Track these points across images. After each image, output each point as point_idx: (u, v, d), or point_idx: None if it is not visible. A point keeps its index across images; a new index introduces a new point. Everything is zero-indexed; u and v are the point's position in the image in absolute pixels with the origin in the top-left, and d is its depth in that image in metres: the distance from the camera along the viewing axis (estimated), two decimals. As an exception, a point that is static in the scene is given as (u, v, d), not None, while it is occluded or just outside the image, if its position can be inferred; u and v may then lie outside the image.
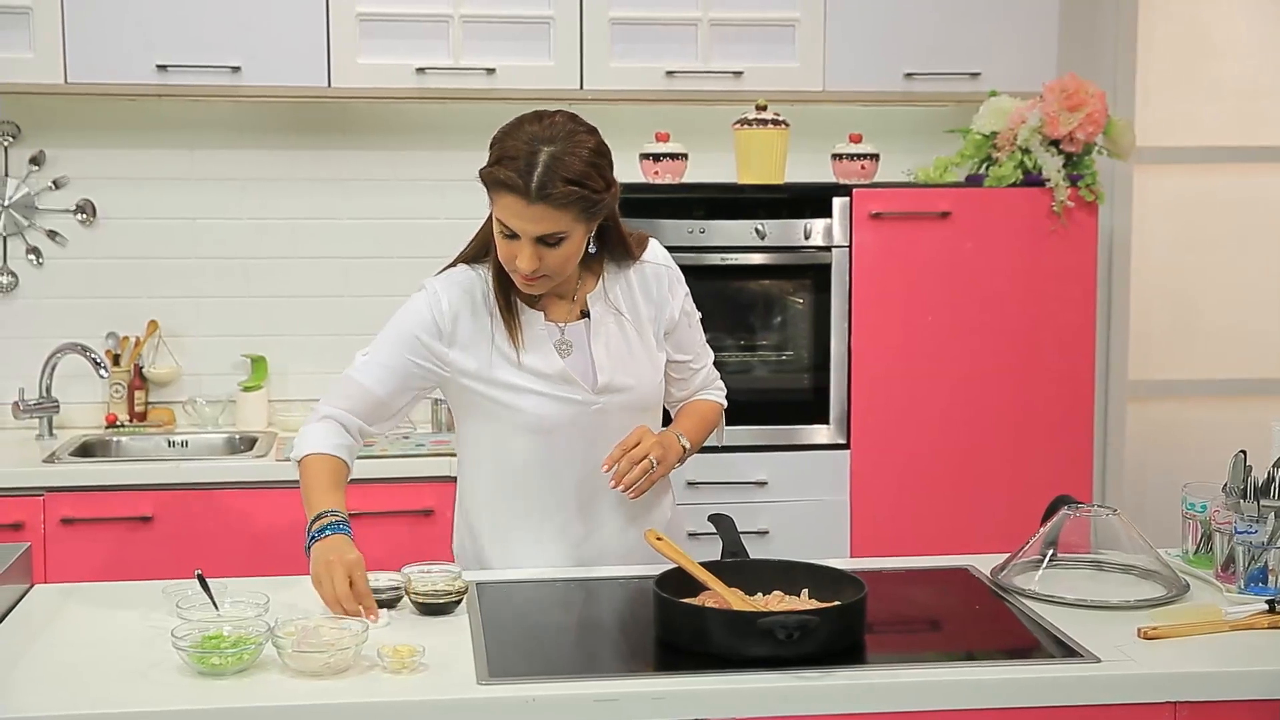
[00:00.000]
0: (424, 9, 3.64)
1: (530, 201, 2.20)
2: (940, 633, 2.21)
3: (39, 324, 3.88)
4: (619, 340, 2.44)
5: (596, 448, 2.39)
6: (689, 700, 1.87)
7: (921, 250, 3.62)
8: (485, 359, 2.38)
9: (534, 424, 2.39)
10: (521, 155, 2.21)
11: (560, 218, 2.23)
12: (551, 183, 2.20)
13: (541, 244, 2.25)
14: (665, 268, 2.50)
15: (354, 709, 1.83)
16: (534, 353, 2.38)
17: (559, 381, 2.38)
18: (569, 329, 2.42)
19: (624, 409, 2.42)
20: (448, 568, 2.27)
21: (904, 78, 3.79)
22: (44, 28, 3.48)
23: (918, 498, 3.67)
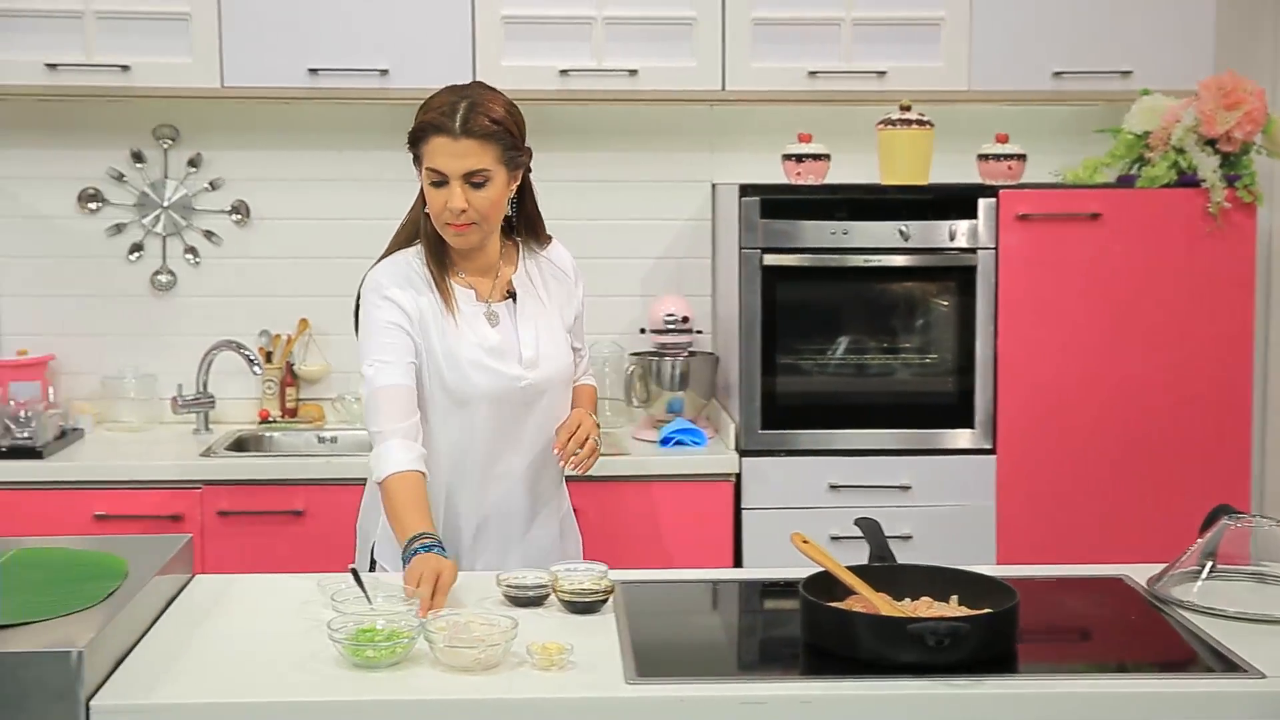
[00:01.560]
0: (567, 11, 3.67)
1: (456, 137, 2.45)
2: (1094, 643, 2.17)
3: (195, 322, 3.99)
4: (539, 319, 2.63)
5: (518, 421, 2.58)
6: (837, 705, 1.86)
7: (1070, 252, 3.55)
8: (428, 333, 2.53)
9: (469, 395, 2.54)
10: (446, 104, 2.49)
11: (484, 153, 2.46)
12: (474, 118, 2.46)
13: (469, 185, 2.46)
14: (571, 260, 2.76)
15: (504, 705, 1.86)
16: (468, 325, 2.56)
17: (492, 355, 2.56)
18: (495, 306, 2.60)
19: (546, 385, 2.61)
20: (593, 566, 2.29)
21: (1052, 76, 3.72)
22: (202, 33, 3.59)
23: (1066, 505, 3.60)
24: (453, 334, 2.53)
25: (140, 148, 3.95)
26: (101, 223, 3.97)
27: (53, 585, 2.06)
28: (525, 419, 2.60)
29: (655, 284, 4.07)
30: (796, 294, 3.62)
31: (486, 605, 2.19)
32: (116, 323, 4.00)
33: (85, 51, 3.57)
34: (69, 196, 3.96)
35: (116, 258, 3.98)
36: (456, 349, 2.53)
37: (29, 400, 3.62)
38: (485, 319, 2.58)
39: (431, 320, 2.54)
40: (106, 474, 3.49)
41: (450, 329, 2.53)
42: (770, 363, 3.60)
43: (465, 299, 2.58)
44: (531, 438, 2.62)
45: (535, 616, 2.17)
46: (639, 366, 3.82)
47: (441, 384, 2.54)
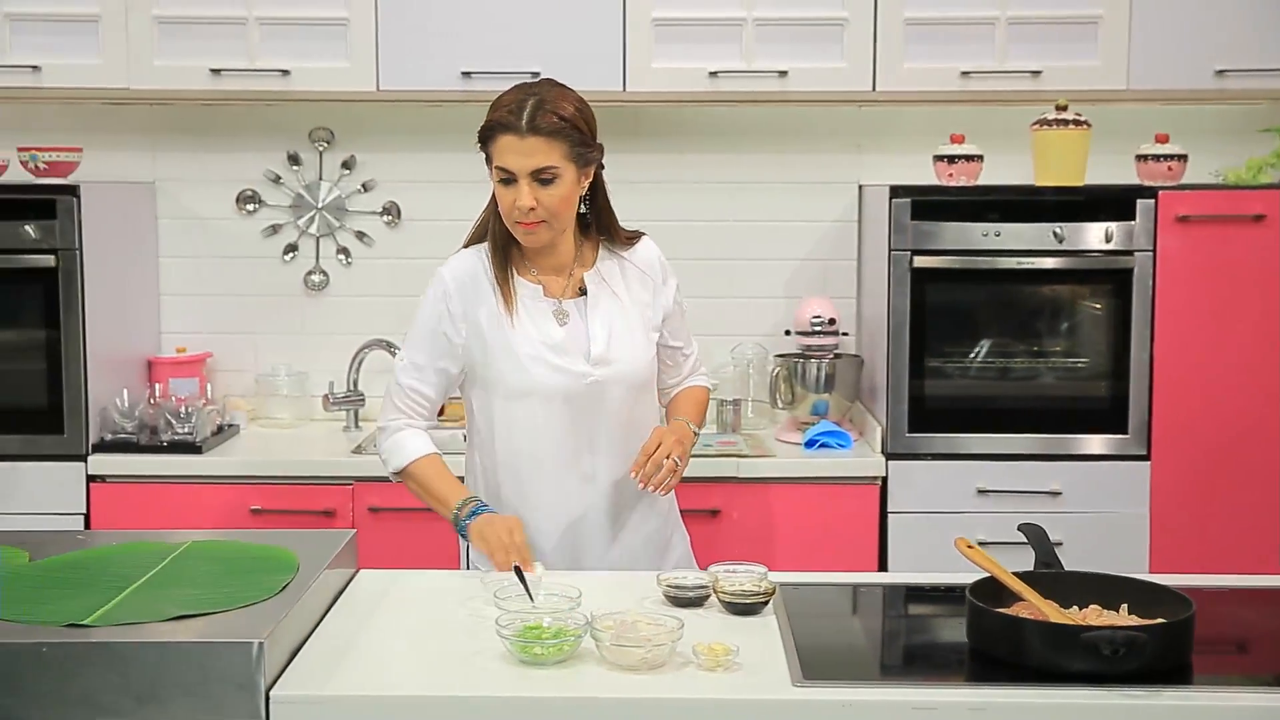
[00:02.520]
0: (718, 13, 3.67)
1: (523, 135, 2.44)
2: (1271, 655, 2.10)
3: (346, 321, 4.08)
4: (614, 316, 2.60)
5: (592, 421, 2.56)
6: (1008, 713, 1.84)
7: (1233, 255, 3.46)
8: (486, 330, 2.55)
9: (530, 390, 2.53)
10: (514, 102, 2.49)
11: (551, 150, 2.45)
12: (541, 115, 2.45)
13: (537, 183, 2.45)
14: (659, 258, 2.70)
15: (672, 704, 1.86)
16: (531, 323, 2.55)
17: (556, 351, 2.54)
18: (566, 303, 2.58)
19: (617, 384, 2.57)
20: (752, 568, 2.28)
21: (1214, 75, 3.62)
22: (359, 39, 3.65)
23: (1222, 514, 3.52)
24: (510, 330, 2.53)
25: (296, 150, 4.04)
26: (258, 224, 4.07)
27: (228, 577, 2.11)
28: (599, 418, 2.56)
29: (799, 285, 4.05)
30: (946, 296, 3.58)
31: (646, 605, 2.19)
32: (270, 321, 4.09)
33: (248, 57, 3.67)
34: (227, 198, 4.06)
35: (272, 258, 4.08)
36: (515, 344, 2.53)
37: (189, 397, 3.72)
38: (553, 316, 2.56)
39: (490, 318, 2.55)
40: (262, 469, 3.57)
41: (508, 325, 2.53)
42: (918, 365, 3.56)
43: (532, 295, 2.57)
44: (611, 437, 2.58)
45: (695, 617, 2.17)
46: (784, 368, 3.81)
47: (502, 380, 2.55)
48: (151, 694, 1.81)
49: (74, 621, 1.89)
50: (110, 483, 3.54)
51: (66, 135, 3.89)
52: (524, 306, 2.55)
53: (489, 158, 2.52)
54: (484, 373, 2.57)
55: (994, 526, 3.47)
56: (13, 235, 3.49)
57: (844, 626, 2.22)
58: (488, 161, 2.53)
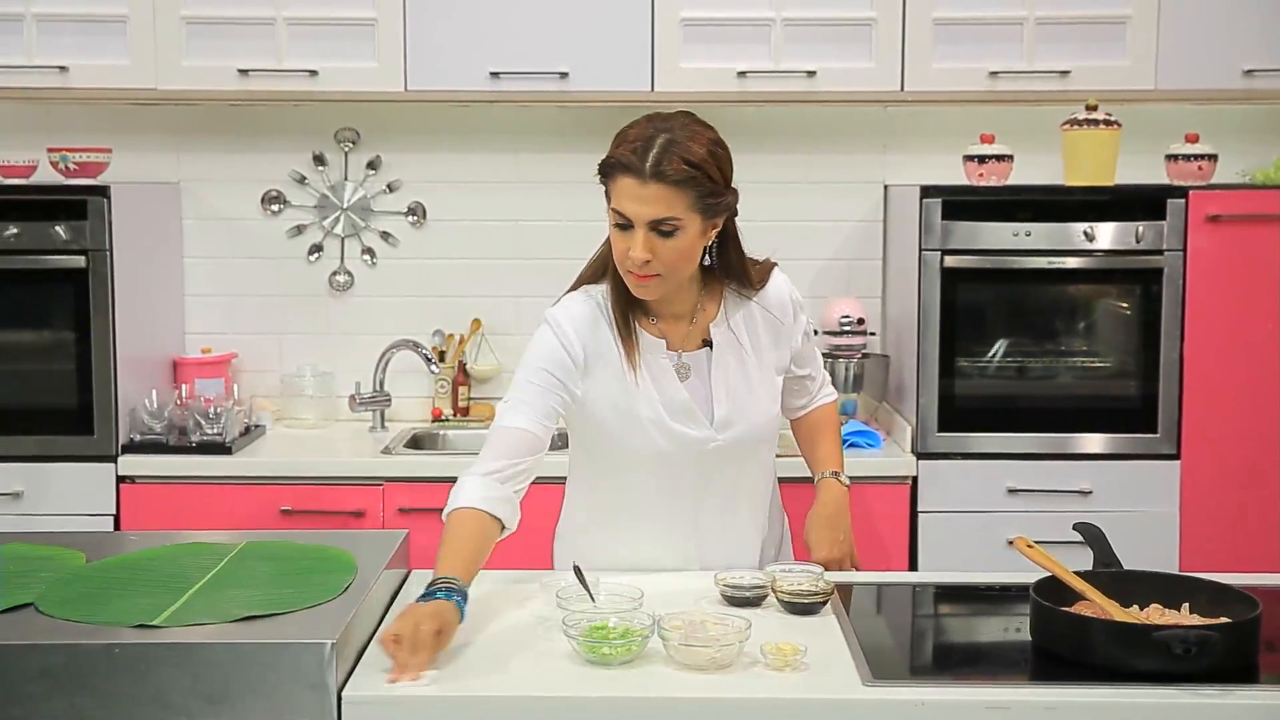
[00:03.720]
0: (746, 13, 3.67)
1: (644, 180, 2.19)
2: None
3: (371, 321, 4.07)
4: (738, 372, 2.39)
5: (710, 479, 2.40)
6: (1082, 712, 1.84)
7: (1263, 255, 3.48)
8: (607, 385, 2.34)
9: (649, 456, 2.36)
10: (640, 139, 2.23)
11: (674, 200, 2.20)
12: (667, 160, 2.19)
13: (655, 233, 2.22)
14: (790, 296, 2.48)
15: (744, 704, 1.86)
16: (652, 382, 2.35)
17: (678, 414, 2.35)
18: (687, 356, 2.38)
19: (740, 443, 2.40)
20: (809, 568, 2.28)
21: (1243, 74, 3.63)
22: (387, 39, 3.65)
23: (1252, 513, 3.53)
24: (633, 390, 2.33)
25: (322, 151, 4.03)
26: (283, 224, 4.06)
27: (288, 578, 2.11)
28: (714, 477, 2.41)
29: (824, 285, 4.05)
30: (976, 296, 3.58)
31: (704, 605, 2.19)
32: (295, 322, 4.08)
33: (275, 57, 3.66)
34: (252, 198, 4.05)
35: (297, 258, 4.07)
36: (636, 406, 2.32)
37: (216, 397, 3.72)
38: (675, 371, 2.36)
39: (608, 369, 2.34)
40: (291, 470, 3.56)
41: (630, 384, 2.33)
42: (948, 365, 3.57)
43: (653, 349, 2.35)
44: (722, 490, 2.43)
45: (754, 617, 2.16)
46: (813, 368, 3.80)
47: (620, 441, 2.36)
48: (223, 694, 1.81)
49: (143, 622, 1.88)
50: (140, 483, 3.53)
51: (91, 136, 3.88)
52: (645, 361, 2.34)
53: (608, 194, 2.28)
54: (597, 428, 2.37)
55: (1024, 526, 3.45)
56: (43, 236, 3.48)
57: (903, 626, 2.22)
58: (607, 196, 2.30)
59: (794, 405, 2.63)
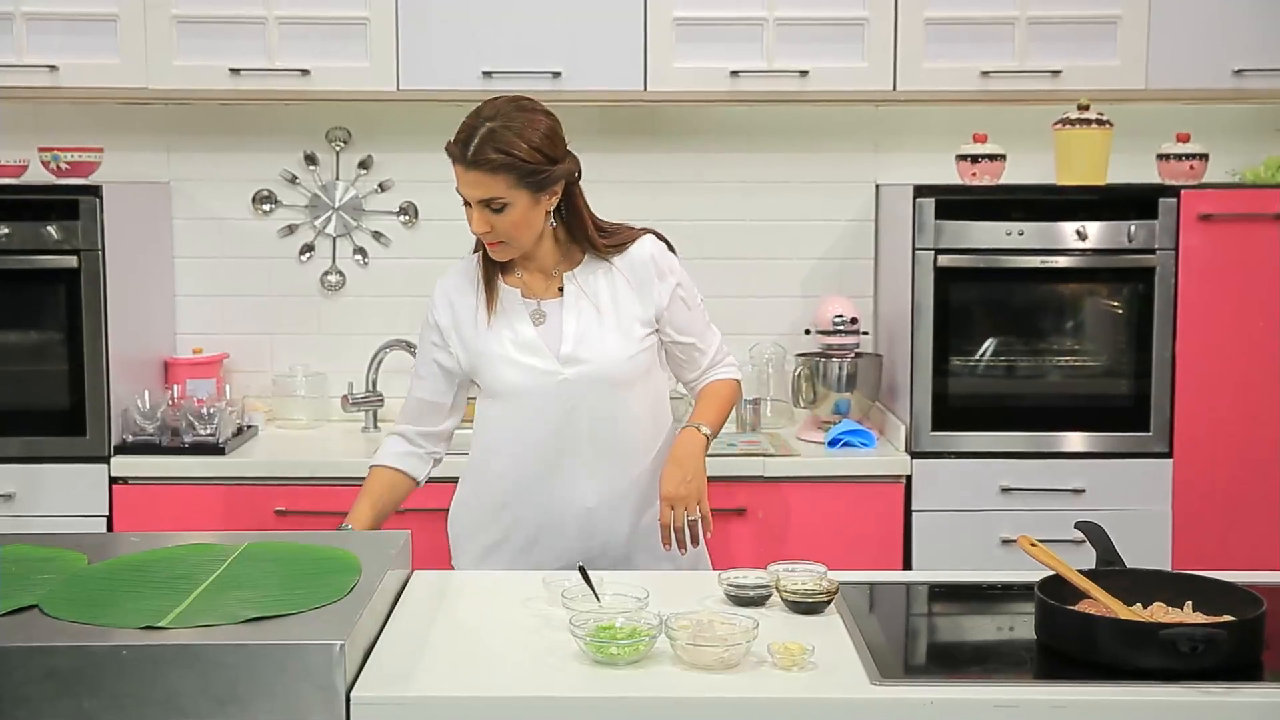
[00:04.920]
0: (739, 12, 3.68)
1: (466, 168, 2.50)
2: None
3: (364, 321, 4.06)
4: (589, 317, 2.62)
5: (567, 418, 2.59)
6: (1091, 710, 1.84)
7: (1254, 254, 3.50)
8: (467, 333, 2.64)
9: (503, 390, 2.61)
10: (465, 129, 2.53)
11: (493, 184, 2.48)
12: (482, 151, 2.47)
13: (488, 209, 2.51)
14: (651, 257, 2.68)
15: (752, 704, 1.86)
16: (506, 323, 2.62)
17: (525, 350, 2.60)
18: (545, 303, 2.63)
19: (591, 382, 2.59)
20: (811, 567, 2.28)
21: (1233, 74, 3.65)
22: (380, 38, 3.64)
23: (1244, 511, 3.55)
24: (485, 332, 2.61)
25: (313, 150, 4.02)
26: (274, 224, 4.05)
27: (293, 579, 2.10)
28: (577, 417, 2.59)
29: (816, 284, 4.06)
30: (969, 295, 3.59)
31: (707, 604, 2.19)
32: (287, 322, 4.07)
33: (267, 56, 3.64)
34: (243, 198, 4.04)
35: (288, 258, 4.06)
36: (486, 346, 2.61)
37: (208, 398, 3.70)
38: (529, 317, 2.62)
39: (468, 324, 2.63)
40: (285, 470, 3.56)
41: (483, 329, 2.61)
42: (941, 364, 3.58)
43: (511, 297, 2.63)
44: (593, 436, 2.60)
45: (759, 616, 2.16)
46: (805, 367, 3.82)
47: (480, 381, 2.65)
48: (232, 695, 1.80)
49: (150, 624, 1.87)
50: (133, 484, 3.51)
51: (82, 135, 3.86)
52: (503, 308, 2.63)
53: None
54: (476, 376, 2.66)
55: (1017, 524, 3.49)
56: (35, 236, 3.46)
57: (904, 625, 2.23)
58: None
59: (687, 378, 2.81)
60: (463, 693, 1.87)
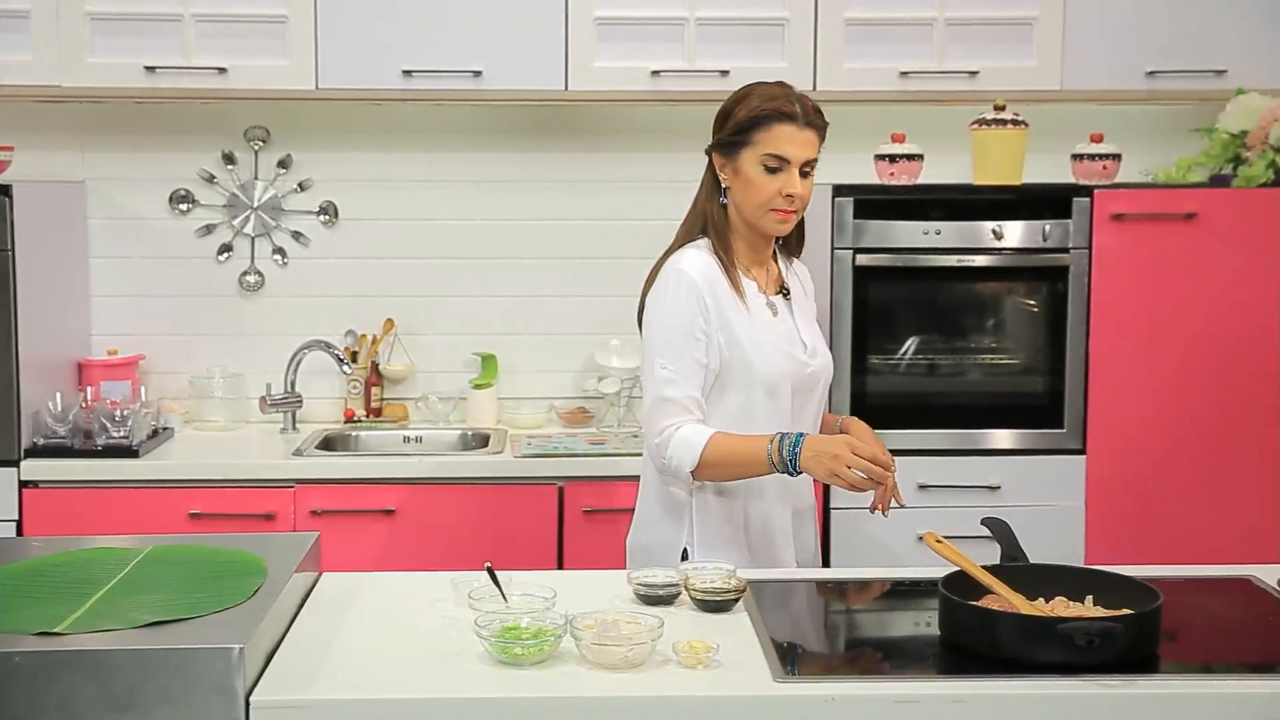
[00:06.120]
0: (660, 12, 3.68)
1: (802, 126, 2.54)
2: (1234, 643, 2.16)
3: (283, 322, 4.02)
4: (806, 314, 2.71)
5: (805, 413, 2.62)
6: (990, 705, 1.86)
7: (1165, 252, 3.54)
8: (732, 320, 2.55)
9: (775, 380, 2.56)
10: (781, 95, 2.57)
11: (816, 143, 2.57)
12: (813, 109, 2.57)
13: (801, 174, 2.54)
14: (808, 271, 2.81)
15: (655, 702, 1.87)
16: (757, 314, 2.59)
17: (786, 340, 2.60)
18: (771, 298, 2.64)
19: (819, 378, 2.65)
20: (720, 565, 2.29)
21: (1146, 76, 3.71)
22: (298, 36, 3.61)
23: (1156, 506, 3.59)
24: (751, 322, 2.56)
25: (231, 149, 3.98)
26: (191, 224, 4.01)
27: (196, 582, 2.08)
28: (808, 410, 2.63)
29: (739, 284, 4.07)
30: (887, 294, 3.62)
31: (617, 603, 2.19)
32: (205, 323, 4.03)
33: (184, 54, 3.61)
34: (160, 198, 3.99)
35: (206, 258, 4.02)
36: (759, 335, 2.56)
37: (122, 400, 3.65)
38: (768, 309, 2.61)
39: (730, 309, 2.55)
40: (200, 473, 3.52)
41: (747, 316, 2.56)
42: (860, 362, 3.60)
43: (750, 289, 2.61)
44: (813, 430, 2.65)
45: (667, 615, 2.17)
46: (727, 367, 3.82)
47: (750, 370, 2.54)
48: (130, 702, 1.78)
49: (45, 630, 1.85)
50: (44, 488, 3.46)
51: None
52: (749, 299, 2.60)
53: (741, 145, 2.56)
54: (733, 366, 2.54)
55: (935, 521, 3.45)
56: (-57, 236, 3.40)
57: (814, 622, 2.24)
58: (727, 149, 2.59)
59: None
60: (364, 695, 1.86)
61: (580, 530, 3.54)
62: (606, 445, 3.68)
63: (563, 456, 3.59)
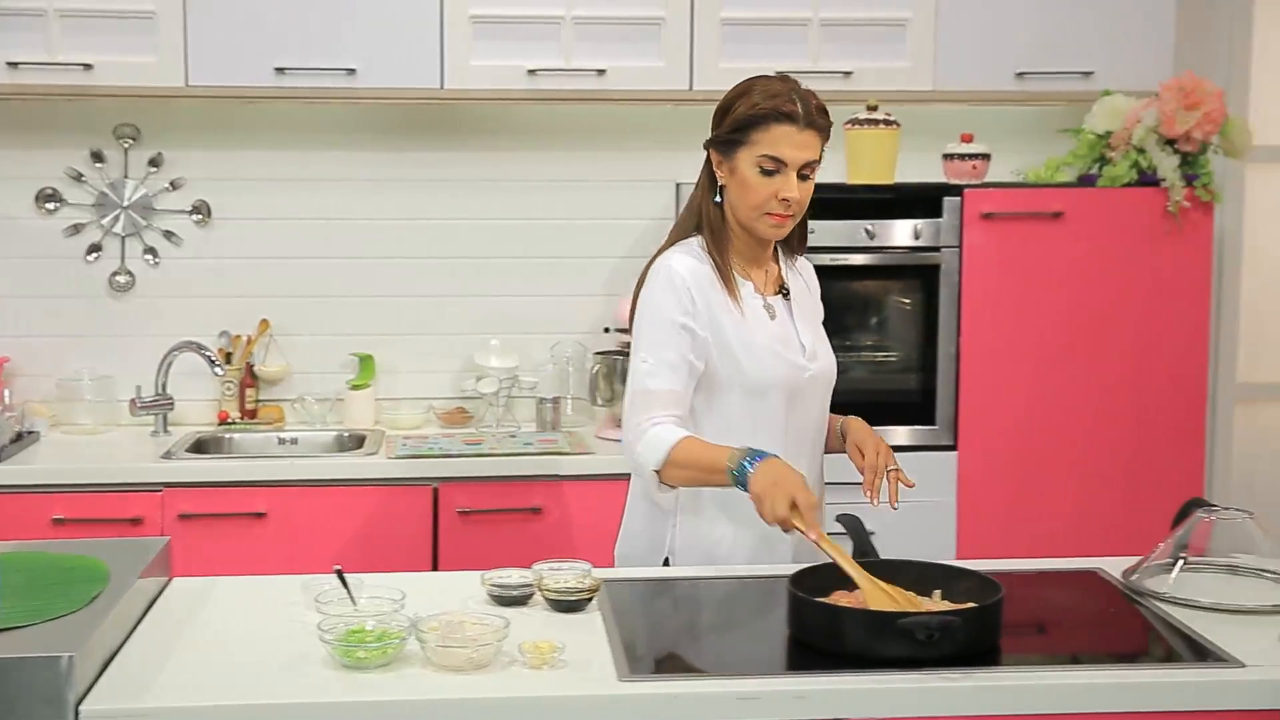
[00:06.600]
0: (536, 11, 3.67)
1: (802, 127, 2.43)
2: (1075, 635, 2.19)
3: (155, 323, 3.95)
4: (808, 315, 2.61)
5: (803, 418, 2.53)
6: (831, 699, 1.87)
7: (1033, 251, 3.60)
8: (722, 322, 2.47)
9: (767, 384, 2.47)
10: (783, 92, 2.45)
11: (818, 147, 2.47)
12: (816, 110, 2.46)
13: (799, 177, 2.44)
14: (814, 273, 2.72)
15: (498, 704, 1.86)
16: (753, 316, 2.50)
17: (781, 344, 2.50)
18: (769, 299, 2.55)
19: (822, 380, 2.56)
20: (576, 565, 2.28)
21: (1015, 77, 3.76)
22: (167, 32, 3.55)
23: (1026, 501, 3.65)
24: (744, 324, 2.47)
25: (100, 147, 3.90)
26: (59, 223, 3.92)
27: (35, 589, 2.03)
28: (808, 415, 2.54)
29: (618, 283, 4.07)
30: (763, 293, 3.63)
31: (471, 605, 2.18)
32: (73, 324, 3.95)
33: (48, 50, 3.53)
34: (26, 197, 3.90)
35: (74, 258, 3.93)
36: (752, 337, 2.47)
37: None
38: (765, 311, 2.52)
39: (721, 311, 2.47)
40: (65, 477, 3.44)
41: (740, 319, 2.47)
42: (737, 362, 3.61)
43: (745, 290, 2.52)
44: (813, 437, 2.57)
45: (520, 615, 2.16)
46: (603, 365, 3.83)
47: (740, 375, 2.46)
48: (-47, 713, 1.74)
49: None
50: (-99, 495, 3.37)
51: None
52: (745, 301, 2.51)
53: (738, 144, 2.45)
54: (721, 369, 2.46)
55: (812, 518, 3.53)
56: None
57: (669, 620, 2.24)
58: (726, 147, 2.48)
59: None
60: (198, 702, 1.83)
61: (456, 532, 3.52)
62: (483, 446, 3.66)
63: (438, 457, 3.56)
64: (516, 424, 3.93)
